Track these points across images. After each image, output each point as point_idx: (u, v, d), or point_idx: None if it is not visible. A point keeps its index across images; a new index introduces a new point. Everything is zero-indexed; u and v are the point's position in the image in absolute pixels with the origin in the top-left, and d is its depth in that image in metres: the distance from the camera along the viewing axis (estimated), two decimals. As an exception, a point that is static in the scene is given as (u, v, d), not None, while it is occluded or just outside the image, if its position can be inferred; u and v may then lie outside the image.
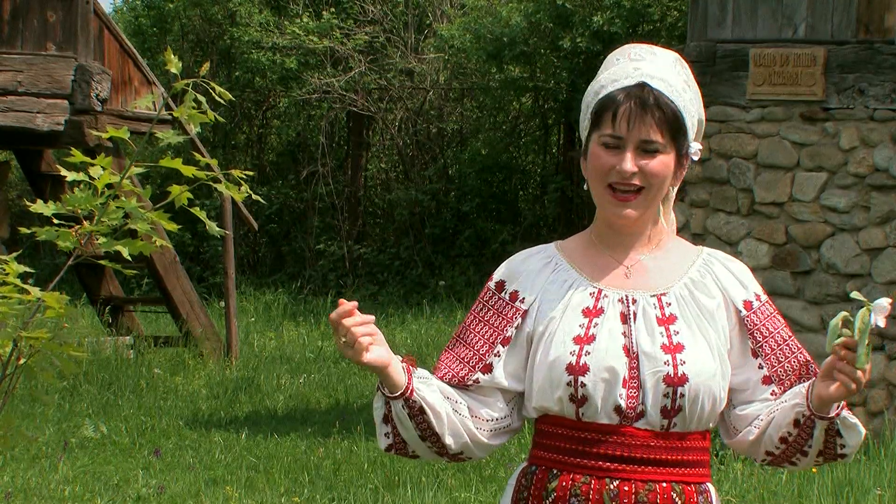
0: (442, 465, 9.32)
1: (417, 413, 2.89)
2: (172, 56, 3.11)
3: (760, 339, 2.95)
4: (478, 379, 2.94)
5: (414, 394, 2.87)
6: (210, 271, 20.85)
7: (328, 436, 10.45)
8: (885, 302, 2.75)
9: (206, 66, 3.16)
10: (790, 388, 2.94)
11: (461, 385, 2.94)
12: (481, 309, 2.99)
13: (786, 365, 2.95)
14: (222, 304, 15.52)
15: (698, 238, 10.29)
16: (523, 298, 2.95)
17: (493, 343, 2.94)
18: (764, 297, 2.99)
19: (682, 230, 10.38)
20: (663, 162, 2.89)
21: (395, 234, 21.05)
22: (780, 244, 10.13)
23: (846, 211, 9.88)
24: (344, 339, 2.79)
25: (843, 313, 2.77)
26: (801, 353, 2.98)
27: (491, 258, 19.39)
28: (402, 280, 20.15)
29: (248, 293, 19.32)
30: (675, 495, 2.89)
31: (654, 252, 2.98)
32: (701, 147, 3.00)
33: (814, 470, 8.62)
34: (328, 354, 15.09)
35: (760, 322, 2.96)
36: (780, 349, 2.96)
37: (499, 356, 2.93)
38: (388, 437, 2.94)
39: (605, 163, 2.88)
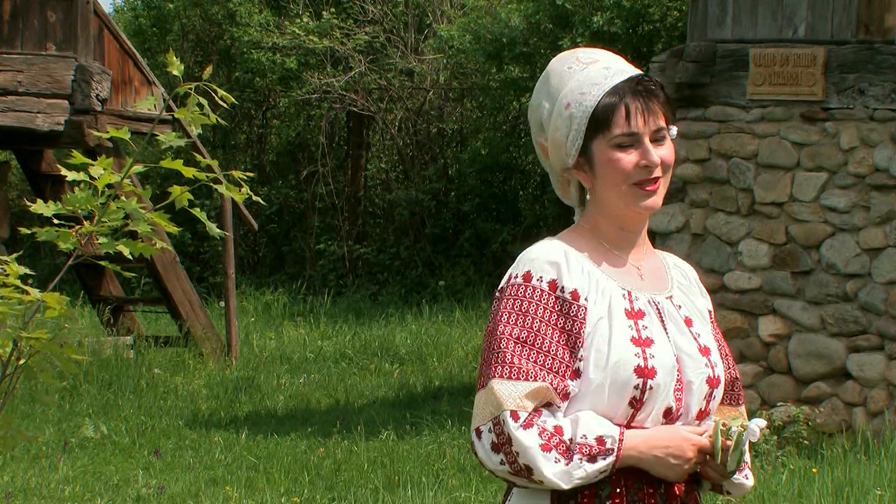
0: (442, 464, 9.32)
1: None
2: (174, 58, 3.11)
3: None
4: (574, 386, 2.83)
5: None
6: (210, 271, 20.84)
7: (328, 436, 10.45)
8: (755, 430, 2.82)
9: (209, 69, 3.16)
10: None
11: (563, 392, 2.82)
12: (542, 311, 2.83)
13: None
14: (222, 304, 15.52)
15: (698, 238, 10.30)
16: (585, 297, 2.85)
17: (574, 348, 2.82)
18: (710, 307, 3.06)
19: (682, 230, 10.39)
20: (670, 147, 2.90)
21: (395, 234, 21.04)
22: (780, 244, 10.13)
23: (846, 211, 9.88)
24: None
25: (718, 423, 2.85)
26: (733, 369, 3.03)
27: (491, 258, 19.39)
28: (402, 280, 20.15)
29: (248, 293, 19.32)
30: (698, 494, 2.96)
31: (647, 252, 2.99)
32: (677, 128, 2.98)
33: (814, 470, 8.62)
34: (328, 354, 15.09)
35: (713, 331, 3.02)
36: (722, 361, 3.01)
37: (583, 360, 2.83)
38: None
39: (629, 163, 2.85)
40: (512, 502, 2.90)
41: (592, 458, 2.78)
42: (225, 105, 3.20)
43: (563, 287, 2.84)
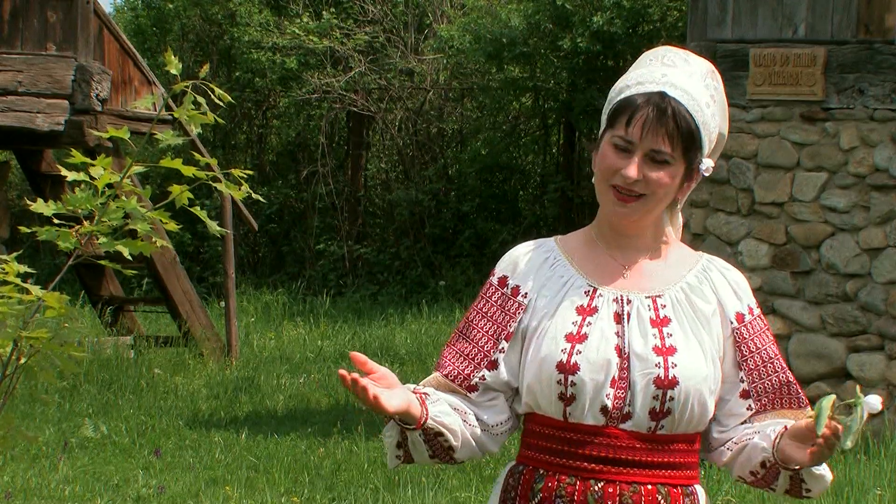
0: (442, 465, 9.31)
1: (433, 437, 2.90)
2: (172, 57, 3.11)
3: (746, 354, 2.94)
4: (483, 376, 2.92)
5: (430, 420, 2.87)
6: (210, 271, 20.84)
7: (328, 436, 10.45)
8: (876, 403, 2.74)
9: (206, 67, 3.16)
10: (766, 405, 2.95)
11: (466, 384, 2.93)
12: (484, 304, 2.97)
13: (766, 382, 2.95)
14: (222, 304, 15.52)
15: (698, 238, 10.29)
16: (525, 293, 2.93)
17: (497, 339, 2.93)
18: (756, 311, 2.98)
19: (682, 230, 10.39)
20: (669, 174, 2.87)
21: (395, 234, 21.05)
22: (780, 244, 10.13)
23: (846, 211, 9.88)
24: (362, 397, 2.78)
25: (833, 397, 2.75)
26: (783, 373, 2.97)
27: (491, 258, 19.38)
28: (402, 280, 20.15)
29: (248, 293, 19.31)
30: (660, 497, 2.88)
31: (656, 258, 2.98)
32: (713, 164, 2.95)
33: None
34: (328, 354, 15.09)
35: (749, 336, 2.95)
36: (763, 366, 2.95)
37: (503, 352, 2.92)
38: (399, 459, 2.95)
39: (613, 164, 2.87)
40: (490, 500, 3.01)
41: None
42: (222, 104, 3.20)
43: (508, 283, 2.96)
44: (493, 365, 2.93)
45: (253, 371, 13.86)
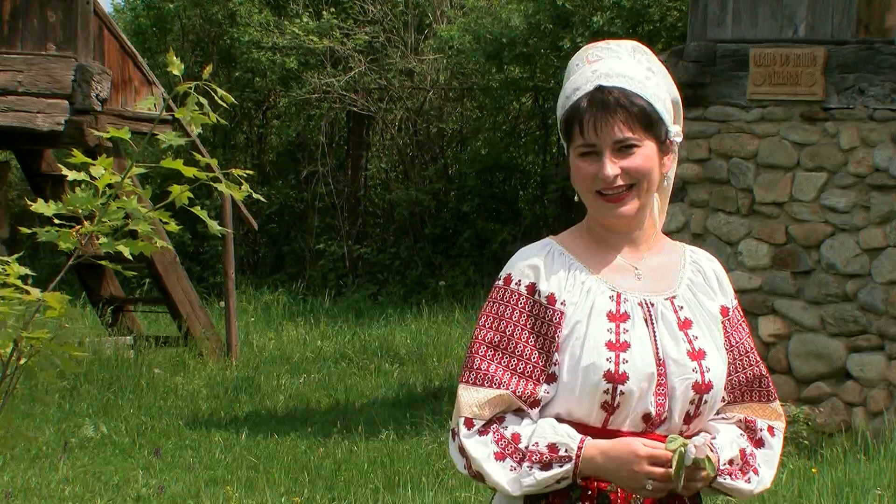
0: (442, 464, 9.32)
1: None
2: (174, 58, 3.11)
3: (727, 347, 2.96)
4: (547, 390, 2.86)
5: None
6: (210, 271, 20.84)
7: (328, 436, 10.45)
8: (692, 447, 2.80)
9: (209, 68, 3.16)
10: (739, 397, 2.98)
11: (531, 400, 2.85)
12: (518, 315, 2.87)
13: (741, 376, 2.98)
14: (222, 304, 15.52)
15: (698, 238, 10.30)
16: (563, 301, 2.87)
17: (548, 352, 2.85)
18: (735, 303, 3.02)
19: (682, 230, 10.39)
20: (643, 155, 2.86)
21: (395, 234, 21.04)
22: (780, 244, 10.13)
23: (846, 211, 9.88)
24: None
25: (678, 443, 2.81)
26: (756, 367, 2.99)
27: (491, 258, 19.39)
28: (402, 280, 20.15)
29: (248, 293, 19.31)
30: (686, 498, 2.92)
31: (653, 250, 2.98)
32: (681, 129, 2.96)
33: (814, 470, 8.62)
34: (328, 354, 15.09)
35: (731, 330, 2.98)
36: (738, 360, 2.98)
37: (558, 364, 2.85)
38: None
39: (587, 172, 2.87)
40: (494, 502, 2.98)
41: (546, 466, 2.81)
42: (225, 105, 3.20)
43: (540, 291, 2.87)
44: (553, 378, 2.85)
45: (253, 371, 13.86)
